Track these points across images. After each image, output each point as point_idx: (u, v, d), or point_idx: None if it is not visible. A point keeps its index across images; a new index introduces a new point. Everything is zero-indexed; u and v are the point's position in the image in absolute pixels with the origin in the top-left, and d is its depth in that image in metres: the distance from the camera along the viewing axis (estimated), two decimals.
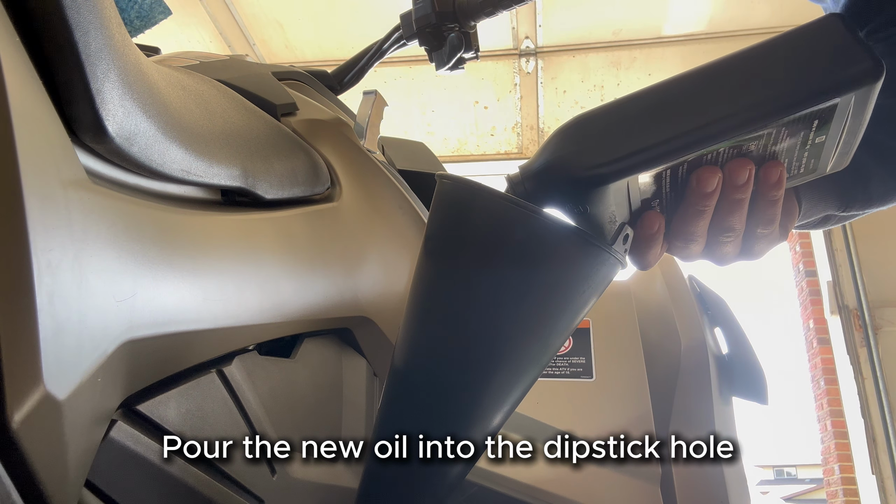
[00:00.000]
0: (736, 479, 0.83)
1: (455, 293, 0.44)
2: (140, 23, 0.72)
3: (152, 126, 0.38)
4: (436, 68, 0.99)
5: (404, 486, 0.48)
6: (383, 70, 3.73)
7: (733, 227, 0.48)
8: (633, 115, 0.43)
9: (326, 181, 0.70)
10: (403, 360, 0.47)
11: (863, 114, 0.43)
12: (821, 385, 4.13)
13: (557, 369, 0.86)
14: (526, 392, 0.47)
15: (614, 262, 0.44)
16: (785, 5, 3.30)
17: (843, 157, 0.47)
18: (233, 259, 0.46)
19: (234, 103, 0.61)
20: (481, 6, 0.94)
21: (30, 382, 0.25)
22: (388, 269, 0.71)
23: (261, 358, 0.51)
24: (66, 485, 0.28)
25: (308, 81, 0.96)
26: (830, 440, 4.02)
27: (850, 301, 3.81)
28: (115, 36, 0.34)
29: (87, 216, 0.30)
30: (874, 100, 0.42)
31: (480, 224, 0.43)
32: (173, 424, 0.39)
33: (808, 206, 0.54)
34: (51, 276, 0.26)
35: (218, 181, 0.48)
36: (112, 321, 0.32)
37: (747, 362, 0.90)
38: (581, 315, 0.45)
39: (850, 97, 0.41)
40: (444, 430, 0.46)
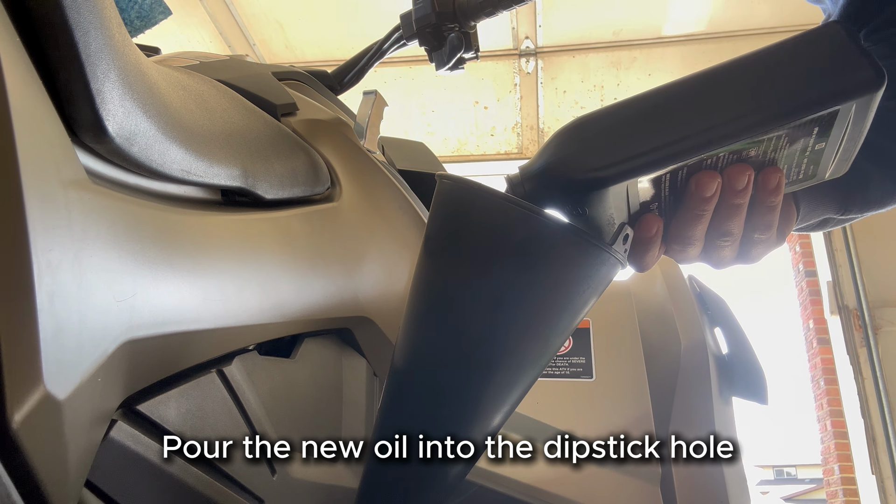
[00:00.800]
0: (736, 479, 0.83)
1: (455, 293, 0.44)
2: (140, 23, 0.72)
3: (152, 126, 0.38)
4: (436, 68, 0.99)
5: (404, 486, 0.48)
6: (383, 70, 3.73)
7: (731, 231, 0.48)
8: (634, 118, 0.43)
9: (326, 181, 0.70)
10: (403, 360, 0.47)
11: (863, 121, 0.43)
12: (821, 385, 4.13)
13: (557, 369, 0.86)
14: (526, 392, 0.47)
15: (614, 262, 0.44)
16: (785, 6, 3.30)
17: (843, 163, 0.47)
18: (233, 259, 0.46)
19: (234, 103, 0.61)
20: (481, 6, 0.94)
21: (30, 382, 0.25)
22: (388, 269, 0.71)
23: (261, 358, 0.51)
24: (66, 485, 0.28)
25: (308, 81, 0.97)
26: (830, 440, 4.02)
27: (850, 301, 3.81)
28: (115, 36, 0.34)
29: (87, 216, 0.30)
30: (875, 107, 0.42)
31: (480, 224, 0.43)
32: (173, 424, 0.39)
33: (807, 211, 0.54)
34: (51, 276, 0.26)
35: (218, 181, 0.48)
36: (112, 321, 0.31)
37: (747, 362, 0.90)
38: (581, 315, 0.45)
39: (851, 105, 0.41)
40: (444, 430, 0.46)
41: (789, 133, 0.43)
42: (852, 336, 3.75)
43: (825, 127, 0.43)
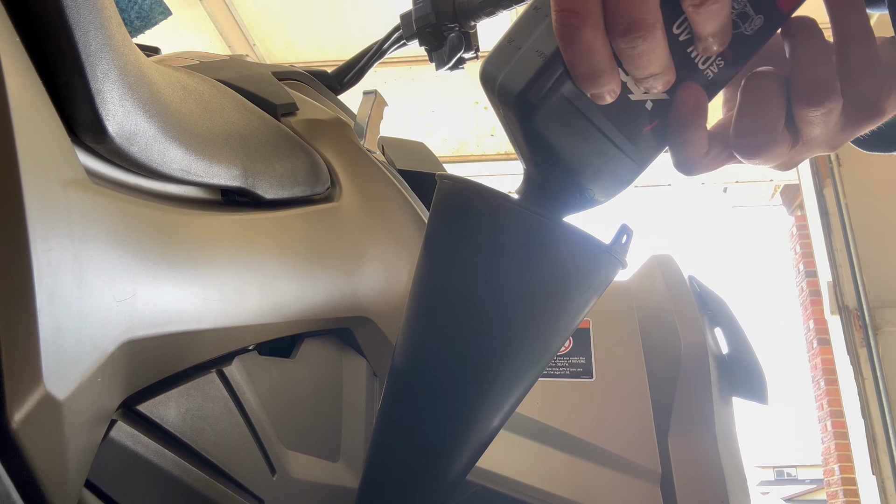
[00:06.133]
0: (736, 479, 0.83)
1: (455, 293, 0.44)
2: (140, 23, 0.72)
3: (152, 126, 0.38)
4: (436, 68, 0.99)
5: (404, 486, 0.48)
6: (383, 70, 3.73)
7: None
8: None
9: (326, 181, 0.70)
10: (403, 360, 0.47)
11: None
12: (821, 385, 4.13)
13: (557, 369, 0.86)
14: (526, 392, 0.47)
15: (614, 263, 0.44)
16: None
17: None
18: (233, 259, 0.46)
19: (234, 103, 0.61)
20: (481, 6, 0.94)
21: (30, 382, 0.25)
22: (388, 269, 0.71)
23: (261, 358, 0.51)
24: (66, 485, 0.28)
25: (308, 81, 0.97)
26: (831, 441, 4.02)
27: (851, 301, 3.81)
28: (115, 36, 0.34)
29: (87, 216, 0.31)
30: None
31: (480, 224, 0.43)
32: (173, 424, 0.39)
33: None
34: (51, 276, 0.26)
35: (218, 181, 0.48)
36: (112, 321, 0.32)
37: (747, 362, 0.90)
38: (581, 315, 0.45)
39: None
40: (444, 429, 0.46)
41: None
42: (852, 336, 3.76)
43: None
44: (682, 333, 0.87)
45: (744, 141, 0.39)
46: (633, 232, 0.46)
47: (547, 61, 0.37)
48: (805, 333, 4.43)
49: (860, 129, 0.40)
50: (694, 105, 0.38)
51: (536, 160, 0.41)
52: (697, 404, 0.84)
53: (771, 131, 0.39)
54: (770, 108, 0.38)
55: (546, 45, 0.37)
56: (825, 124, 0.38)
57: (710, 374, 0.85)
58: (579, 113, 0.38)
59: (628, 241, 0.45)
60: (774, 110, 0.38)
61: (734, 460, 0.84)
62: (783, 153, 0.40)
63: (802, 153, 0.41)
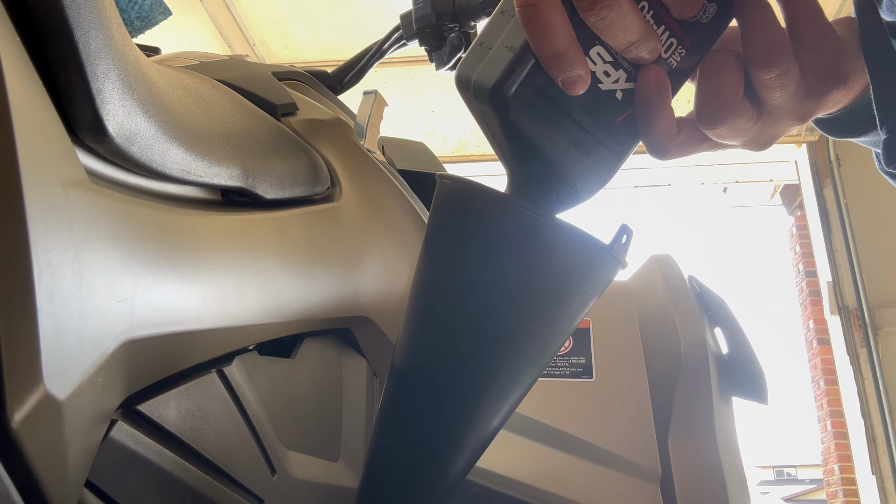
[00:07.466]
0: (736, 479, 0.83)
1: (455, 293, 0.44)
2: (140, 23, 0.72)
3: (152, 126, 0.38)
4: (436, 68, 0.99)
5: (404, 486, 0.48)
6: (383, 70, 3.73)
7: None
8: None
9: (326, 181, 0.70)
10: (403, 360, 0.47)
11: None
12: (821, 385, 4.13)
13: (557, 369, 0.86)
14: (526, 392, 0.47)
15: (614, 263, 0.44)
16: None
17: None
18: (233, 259, 0.46)
19: (234, 103, 0.61)
20: (481, 6, 0.94)
21: (30, 382, 0.25)
22: (388, 269, 0.71)
23: (261, 358, 0.51)
24: (66, 485, 0.28)
25: (308, 81, 0.97)
26: (830, 441, 4.02)
27: (850, 301, 3.81)
28: (115, 36, 0.34)
29: (87, 216, 0.31)
30: None
31: (480, 224, 0.43)
32: (173, 424, 0.39)
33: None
34: (51, 276, 0.26)
35: (218, 181, 0.48)
36: (112, 321, 0.32)
37: (747, 362, 0.90)
38: (581, 315, 0.45)
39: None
40: (444, 429, 0.46)
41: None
42: (852, 336, 3.76)
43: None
44: (682, 333, 0.87)
45: (705, 111, 0.40)
46: (633, 232, 0.46)
47: (517, 54, 0.38)
48: (805, 333, 4.43)
49: (825, 96, 0.40)
50: (655, 84, 0.39)
51: (516, 155, 0.42)
52: (697, 404, 0.84)
53: (730, 98, 0.39)
54: (726, 76, 0.39)
55: (515, 40, 0.38)
56: (783, 88, 0.39)
57: (710, 374, 0.85)
58: (553, 103, 0.39)
59: (628, 241, 0.45)
60: (731, 78, 0.39)
61: (734, 460, 0.84)
62: (748, 125, 0.40)
63: (771, 126, 0.41)
